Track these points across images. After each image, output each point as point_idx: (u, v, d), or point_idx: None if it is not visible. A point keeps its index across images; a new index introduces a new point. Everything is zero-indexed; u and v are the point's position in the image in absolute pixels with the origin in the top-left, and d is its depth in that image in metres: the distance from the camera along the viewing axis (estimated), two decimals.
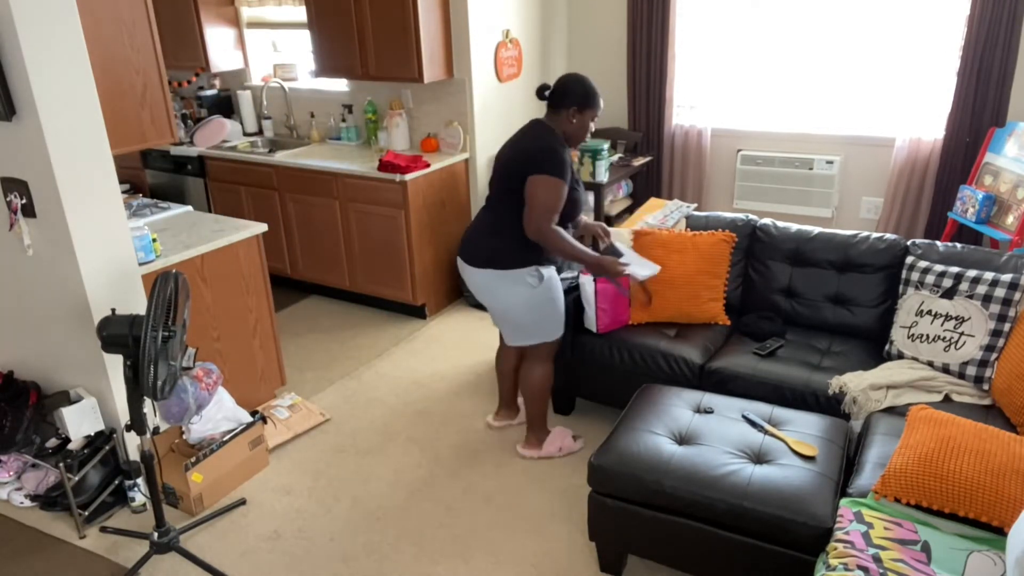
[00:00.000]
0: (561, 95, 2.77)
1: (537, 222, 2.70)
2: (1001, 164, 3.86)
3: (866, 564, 1.84)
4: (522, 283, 2.83)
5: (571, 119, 2.78)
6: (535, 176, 2.68)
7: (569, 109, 2.76)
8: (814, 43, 4.50)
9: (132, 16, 2.84)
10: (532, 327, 2.93)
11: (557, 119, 2.80)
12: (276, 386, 3.66)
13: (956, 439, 2.09)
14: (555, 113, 2.80)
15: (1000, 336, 2.67)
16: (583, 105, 2.77)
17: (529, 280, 2.83)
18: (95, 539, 2.81)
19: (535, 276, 2.83)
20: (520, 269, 2.81)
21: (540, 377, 3.03)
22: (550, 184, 2.67)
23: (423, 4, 4.06)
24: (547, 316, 2.92)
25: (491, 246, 2.83)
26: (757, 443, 2.42)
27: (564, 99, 2.76)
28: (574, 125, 2.79)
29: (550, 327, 2.95)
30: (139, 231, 2.90)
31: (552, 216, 2.71)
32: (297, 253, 4.74)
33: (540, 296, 2.86)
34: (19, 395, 2.92)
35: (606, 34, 5.02)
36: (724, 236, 3.26)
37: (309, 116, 5.16)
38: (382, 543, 2.75)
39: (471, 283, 2.94)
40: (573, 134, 2.81)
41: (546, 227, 2.70)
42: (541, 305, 2.89)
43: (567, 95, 2.76)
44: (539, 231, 2.71)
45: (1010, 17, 3.86)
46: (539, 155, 2.69)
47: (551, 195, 2.68)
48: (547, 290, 2.88)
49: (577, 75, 2.79)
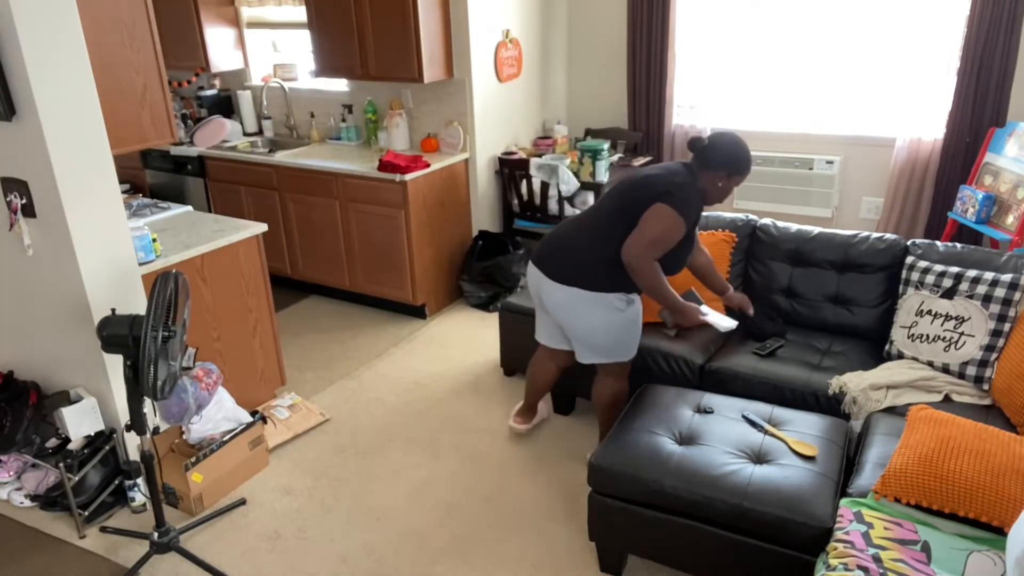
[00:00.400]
0: (716, 155, 2.63)
1: (640, 249, 2.56)
2: (1001, 164, 3.86)
3: (866, 564, 1.84)
4: (609, 307, 2.71)
5: (718, 182, 2.66)
6: (661, 205, 2.56)
7: (719, 172, 2.64)
8: (814, 43, 4.50)
9: (132, 16, 2.84)
10: (610, 348, 2.81)
11: (703, 175, 2.67)
12: (276, 386, 3.66)
13: (956, 439, 2.09)
14: (703, 169, 2.66)
15: (1000, 336, 2.67)
16: (735, 172, 2.65)
17: (617, 304, 2.72)
18: (95, 539, 2.81)
19: (623, 301, 2.73)
20: (610, 293, 2.69)
21: (613, 395, 2.93)
22: (672, 219, 2.55)
23: (423, 4, 4.06)
24: (627, 339, 2.81)
25: (583, 264, 2.69)
26: (757, 443, 2.42)
27: (718, 161, 2.63)
28: (719, 189, 2.67)
29: (627, 348, 2.84)
30: (139, 231, 2.90)
31: (658, 251, 2.59)
32: (297, 253, 4.74)
33: (624, 320, 2.75)
34: (19, 395, 2.92)
35: (606, 34, 5.02)
36: (724, 236, 3.26)
37: (309, 116, 5.16)
38: (382, 543, 2.75)
39: (551, 300, 2.79)
40: (714, 195, 2.69)
41: (646, 258, 2.57)
42: (623, 329, 2.77)
43: (723, 158, 2.63)
44: (639, 258, 2.57)
45: (1010, 17, 3.86)
46: (676, 189, 2.57)
47: (669, 230, 2.56)
48: (633, 313, 2.77)
49: (736, 138, 2.65)
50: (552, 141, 4.86)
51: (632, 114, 5.01)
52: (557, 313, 2.81)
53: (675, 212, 2.56)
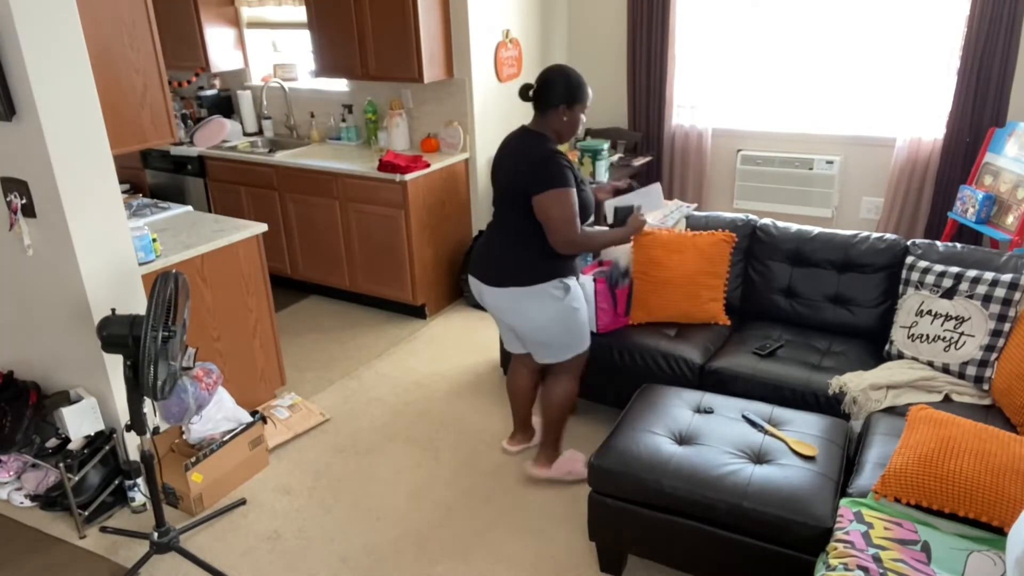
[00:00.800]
0: (547, 94, 2.64)
1: (564, 236, 2.60)
2: (1001, 164, 3.86)
3: (866, 564, 1.84)
4: (549, 297, 2.70)
5: (561, 117, 2.66)
6: (543, 194, 2.56)
7: (558, 108, 2.64)
8: (814, 43, 4.50)
9: (132, 16, 2.84)
10: (562, 342, 2.80)
11: (545, 120, 2.68)
12: (276, 386, 3.66)
13: (956, 439, 2.09)
14: (542, 114, 2.68)
15: (1000, 336, 2.67)
16: (572, 100, 2.64)
17: (555, 292, 2.71)
18: (95, 539, 2.81)
19: (560, 288, 2.72)
20: (545, 283, 2.69)
21: (564, 394, 2.90)
22: (560, 196, 2.57)
23: (423, 4, 4.06)
24: (575, 328, 2.80)
25: (511, 263, 2.71)
26: (757, 443, 2.42)
27: (551, 97, 2.63)
28: (565, 123, 2.67)
29: (578, 339, 2.83)
30: (139, 231, 2.90)
31: (574, 225, 2.60)
32: (297, 253, 4.74)
33: (567, 308, 2.74)
34: (19, 395, 2.92)
35: (606, 34, 5.02)
36: (724, 236, 3.26)
37: (309, 116, 5.16)
38: (382, 543, 2.75)
39: (494, 304, 2.80)
40: (566, 131, 2.70)
41: (574, 236, 2.61)
42: (569, 317, 2.76)
43: (553, 93, 2.63)
44: (569, 243, 2.61)
45: (1010, 17, 3.86)
46: (540, 170, 2.58)
47: (565, 207, 2.58)
48: (573, 300, 2.76)
49: (560, 68, 2.65)
50: None
51: (632, 114, 5.02)
52: (505, 316, 2.80)
53: (558, 189, 2.56)
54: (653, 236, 3.26)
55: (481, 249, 2.82)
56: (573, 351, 2.84)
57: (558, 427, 2.97)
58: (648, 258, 3.22)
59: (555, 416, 2.94)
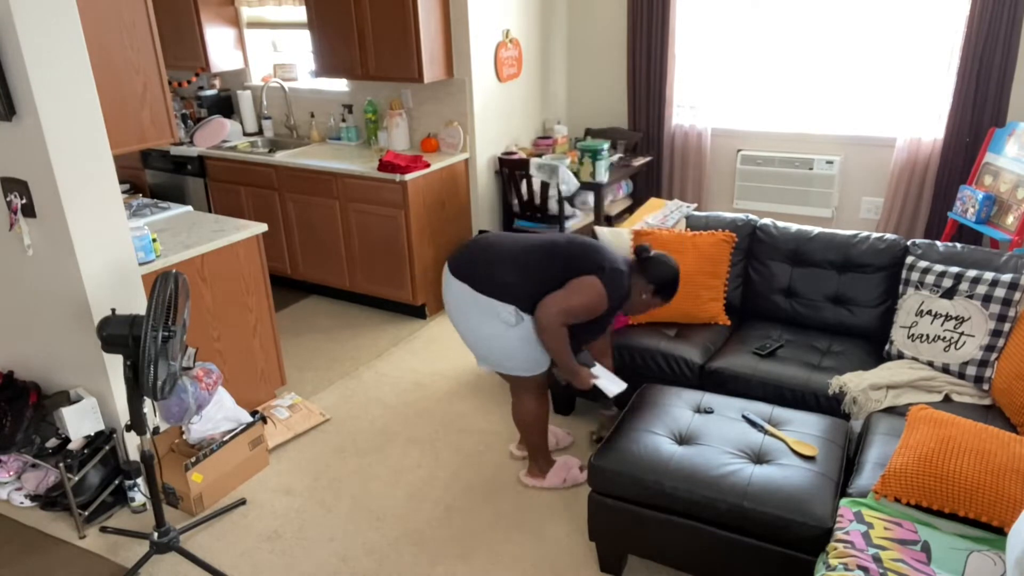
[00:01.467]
0: (654, 270, 2.69)
1: (556, 308, 2.52)
2: (1001, 164, 3.86)
3: (866, 564, 1.84)
4: (497, 317, 2.61)
5: (644, 293, 2.71)
6: (594, 278, 2.55)
7: (650, 284, 2.69)
8: (814, 43, 4.50)
9: (132, 16, 2.84)
10: (505, 361, 2.72)
11: (636, 281, 2.70)
12: (276, 386, 3.66)
13: (956, 439, 2.09)
14: (639, 275, 2.70)
15: (1000, 336, 2.67)
16: (661, 292, 2.71)
17: (505, 317, 2.60)
18: (95, 539, 2.81)
19: (513, 315, 2.60)
20: (501, 302, 2.59)
21: (526, 413, 2.84)
22: (599, 295, 2.55)
23: (423, 4, 4.06)
24: (523, 356, 2.69)
25: (486, 270, 2.61)
26: (757, 443, 2.42)
27: (654, 275, 2.69)
28: (643, 300, 2.72)
29: (534, 359, 2.72)
30: (139, 231, 2.90)
31: (571, 319, 2.56)
32: (297, 253, 4.74)
33: (515, 338, 2.64)
34: (19, 395, 2.92)
35: (606, 34, 5.02)
36: (724, 236, 3.26)
37: (309, 116, 5.16)
38: (382, 543, 2.75)
39: (447, 294, 2.72)
40: (636, 304, 2.74)
41: (558, 320, 2.53)
42: (516, 348, 2.66)
43: (659, 275, 2.69)
44: (551, 317, 2.52)
45: (1010, 17, 3.86)
46: (613, 272, 2.59)
47: (591, 304, 2.55)
48: (525, 331, 2.64)
49: (676, 265, 2.73)
50: (552, 141, 4.86)
51: (632, 114, 5.02)
52: (450, 313, 2.73)
53: (604, 290, 2.55)
54: (653, 236, 3.26)
55: (476, 248, 2.70)
56: (518, 371, 2.75)
57: (534, 440, 2.91)
58: None
59: (526, 434, 2.90)
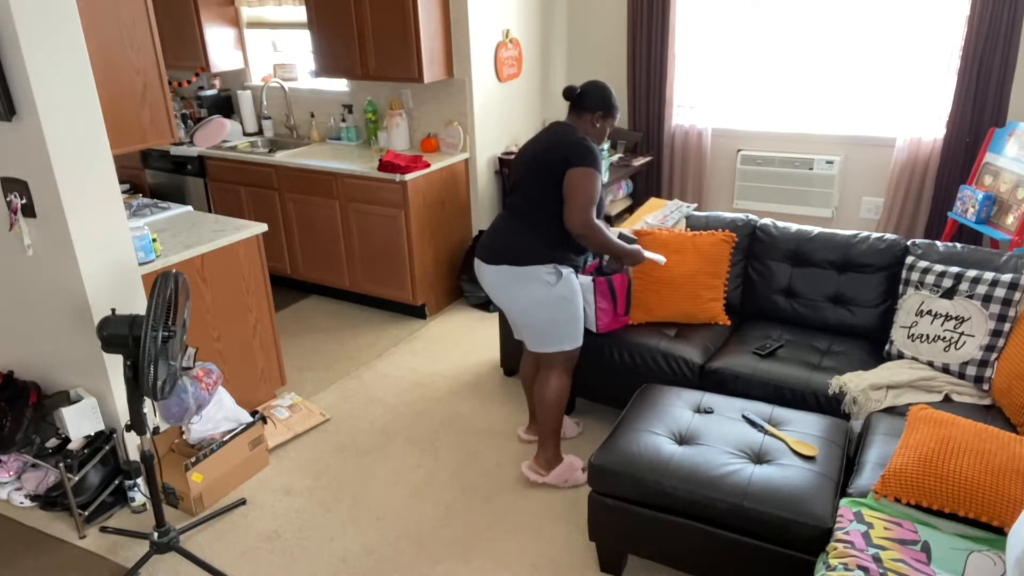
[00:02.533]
0: (589, 100, 2.79)
1: (583, 214, 2.67)
2: (1001, 164, 3.86)
3: (866, 564, 1.84)
4: (538, 281, 2.75)
5: (595, 123, 2.81)
6: (576, 169, 2.66)
7: (595, 113, 2.80)
8: (814, 43, 4.50)
9: (132, 16, 2.84)
10: (546, 331, 2.82)
11: (580, 121, 2.81)
12: (276, 386, 3.66)
13: (956, 439, 2.09)
14: (578, 116, 2.82)
15: (1000, 336, 2.67)
16: (607, 112, 2.82)
17: (547, 278, 2.75)
18: (95, 539, 2.81)
19: (553, 274, 2.76)
20: (538, 266, 2.74)
21: (555, 390, 2.90)
22: (590, 176, 2.66)
23: (423, 4, 4.06)
24: (564, 320, 2.82)
25: (511, 243, 2.78)
26: (757, 443, 2.42)
27: (591, 103, 2.79)
28: (596, 129, 2.83)
29: (568, 333, 2.84)
30: (139, 231, 2.90)
31: (594, 208, 2.70)
32: (297, 253, 4.74)
33: (556, 296, 2.77)
34: (19, 395, 2.92)
35: (606, 34, 5.02)
36: (724, 236, 3.26)
37: (309, 116, 5.16)
38: (382, 543, 2.75)
39: (487, 283, 2.87)
40: (596, 137, 2.84)
41: (591, 219, 2.68)
42: (557, 306, 2.79)
43: (595, 100, 2.79)
44: (585, 224, 2.67)
45: (1010, 17, 3.86)
46: (578, 148, 2.69)
47: (593, 187, 2.68)
48: (565, 290, 2.79)
49: (603, 83, 2.83)
50: None
51: (632, 114, 5.01)
52: (497, 297, 2.87)
53: (590, 168, 2.67)
54: (653, 236, 3.26)
55: (488, 231, 2.90)
56: (558, 344, 2.85)
57: (550, 425, 2.94)
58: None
59: (545, 413, 2.93)
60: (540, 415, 2.94)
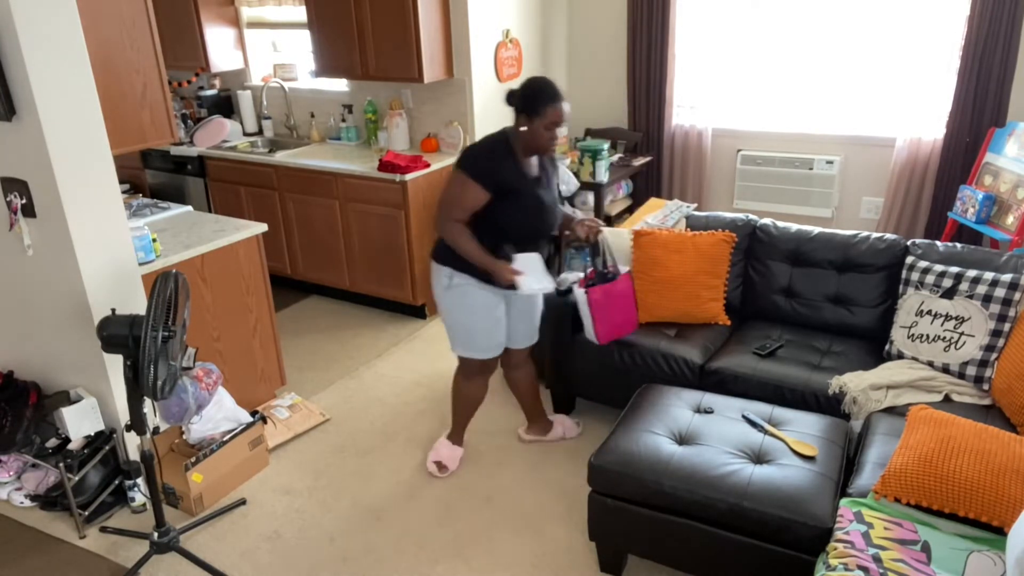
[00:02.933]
0: (514, 99, 2.63)
1: (440, 215, 2.68)
2: (1001, 164, 3.86)
3: (866, 564, 1.84)
4: (436, 279, 2.81)
5: (519, 126, 2.62)
6: (454, 171, 2.65)
7: (518, 116, 2.62)
8: (814, 43, 4.50)
9: (132, 16, 2.84)
10: (449, 331, 2.88)
11: (516, 124, 2.65)
12: (276, 386, 3.66)
13: (956, 439, 2.09)
14: (517, 118, 2.64)
15: (1000, 336, 2.67)
16: (531, 112, 2.57)
17: (442, 279, 2.78)
18: (95, 539, 2.81)
19: (448, 277, 2.76)
20: (438, 265, 2.78)
21: (457, 386, 3.01)
22: (458, 179, 2.62)
23: (423, 4, 4.06)
24: (452, 325, 2.84)
25: (438, 241, 2.82)
26: (757, 443, 2.42)
27: (516, 103, 2.62)
28: (523, 133, 2.62)
29: (459, 340, 2.86)
30: (139, 231, 2.90)
31: (454, 212, 2.63)
32: (297, 253, 4.74)
33: (446, 300, 2.80)
34: (19, 395, 2.92)
35: (606, 34, 5.02)
36: (724, 236, 3.26)
37: (309, 116, 5.16)
38: (382, 543, 2.75)
39: None
40: (527, 143, 2.64)
41: (444, 219, 2.65)
42: (446, 311, 2.82)
43: (518, 100, 2.61)
44: (439, 220, 2.68)
45: (1010, 17, 3.86)
46: (464, 152, 2.67)
47: (458, 190, 2.61)
48: (453, 299, 2.78)
49: (534, 78, 2.62)
50: None
51: (632, 114, 5.01)
52: None
53: (464, 174, 2.61)
54: (653, 236, 3.26)
55: None
56: (457, 347, 2.89)
57: (454, 414, 3.08)
58: (648, 258, 3.22)
59: (454, 403, 3.07)
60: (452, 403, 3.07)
